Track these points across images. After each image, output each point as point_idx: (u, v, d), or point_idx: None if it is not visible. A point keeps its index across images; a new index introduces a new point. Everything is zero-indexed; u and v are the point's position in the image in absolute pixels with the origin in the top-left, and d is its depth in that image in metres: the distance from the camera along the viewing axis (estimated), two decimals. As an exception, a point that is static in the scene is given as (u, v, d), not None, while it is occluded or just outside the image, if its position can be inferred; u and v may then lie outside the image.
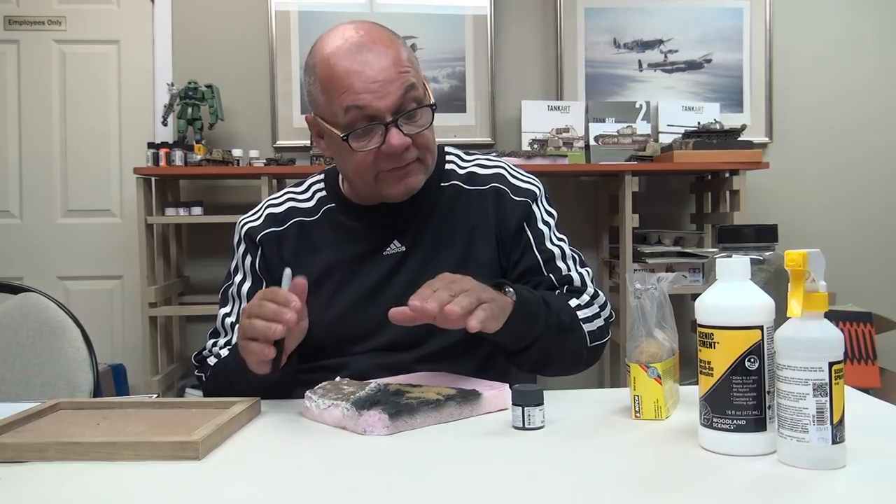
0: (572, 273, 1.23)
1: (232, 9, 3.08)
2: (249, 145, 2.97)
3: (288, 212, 1.27)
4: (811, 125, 3.20)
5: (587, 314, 1.18)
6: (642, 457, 0.79)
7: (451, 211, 1.23)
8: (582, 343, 1.17)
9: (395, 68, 1.09)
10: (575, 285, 1.23)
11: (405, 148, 1.11)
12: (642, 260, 2.77)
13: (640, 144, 3.01)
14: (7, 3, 3.08)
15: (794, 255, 0.72)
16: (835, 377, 0.71)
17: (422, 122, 1.13)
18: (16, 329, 1.49)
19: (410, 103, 1.11)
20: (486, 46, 3.09)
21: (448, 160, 1.29)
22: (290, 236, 1.24)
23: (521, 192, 1.25)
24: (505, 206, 1.23)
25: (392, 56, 1.10)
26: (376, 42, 1.11)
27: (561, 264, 1.23)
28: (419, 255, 1.21)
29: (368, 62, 1.09)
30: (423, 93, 1.13)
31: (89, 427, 0.91)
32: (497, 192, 1.24)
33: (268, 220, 1.27)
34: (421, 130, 1.12)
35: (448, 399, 0.93)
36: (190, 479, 0.74)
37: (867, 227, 3.21)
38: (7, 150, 3.08)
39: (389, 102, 1.09)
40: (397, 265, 1.20)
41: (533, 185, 1.27)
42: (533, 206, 1.25)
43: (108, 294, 3.12)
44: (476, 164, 1.29)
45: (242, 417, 0.93)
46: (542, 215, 1.26)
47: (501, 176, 1.26)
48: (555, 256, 1.23)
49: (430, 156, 1.17)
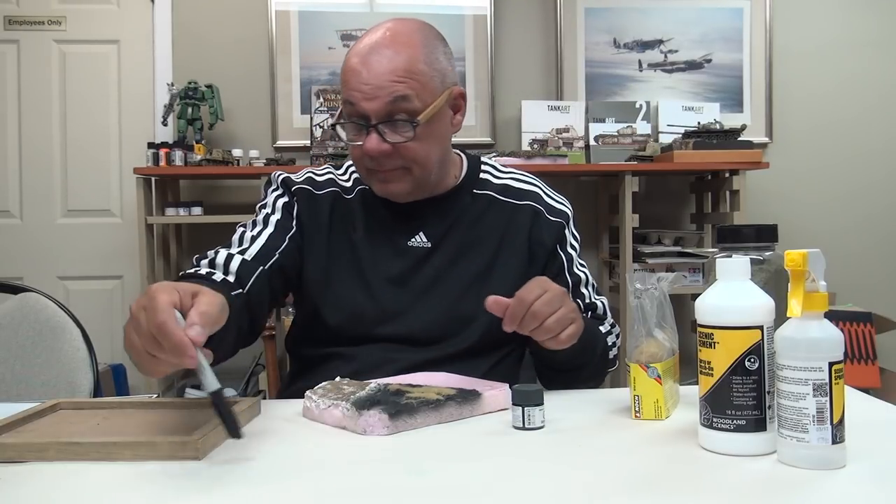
0: (596, 301, 1.29)
1: (232, 9, 3.08)
2: (249, 145, 2.97)
3: (327, 181, 1.29)
4: (811, 125, 3.20)
5: (609, 342, 1.26)
6: (642, 457, 0.79)
7: (483, 218, 1.26)
8: (607, 368, 1.27)
9: (390, 76, 1.10)
10: (598, 313, 1.28)
11: (380, 153, 1.13)
12: (642, 260, 2.77)
13: (640, 144, 3.01)
14: (7, 3, 3.08)
15: (794, 255, 0.72)
16: (835, 377, 0.71)
17: (407, 134, 1.13)
18: (16, 329, 1.49)
19: (399, 113, 1.12)
20: (486, 46, 3.09)
21: (483, 170, 1.32)
22: (325, 202, 1.25)
23: (556, 212, 1.29)
24: (541, 224, 1.26)
25: (394, 64, 1.11)
26: (389, 46, 1.12)
27: (584, 290, 1.29)
28: (446, 253, 1.22)
29: (369, 64, 1.11)
30: (419, 107, 1.12)
31: (89, 427, 0.91)
32: (534, 210, 1.28)
33: (307, 181, 1.28)
34: (403, 142, 1.13)
35: (448, 399, 0.93)
36: (190, 479, 0.74)
37: (867, 227, 3.21)
38: (7, 150, 3.08)
39: (375, 107, 1.11)
40: (422, 259, 1.22)
41: (566, 207, 1.32)
42: (565, 229, 1.29)
43: (108, 294, 3.12)
44: (511, 178, 1.32)
45: (242, 417, 0.93)
46: (571, 239, 1.30)
47: (537, 195, 1.30)
48: (581, 282, 1.28)
49: (417, 168, 1.16)
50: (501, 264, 1.23)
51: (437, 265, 1.21)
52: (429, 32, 1.18)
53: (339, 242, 1.23)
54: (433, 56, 1.15)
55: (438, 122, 1.16)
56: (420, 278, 1.21)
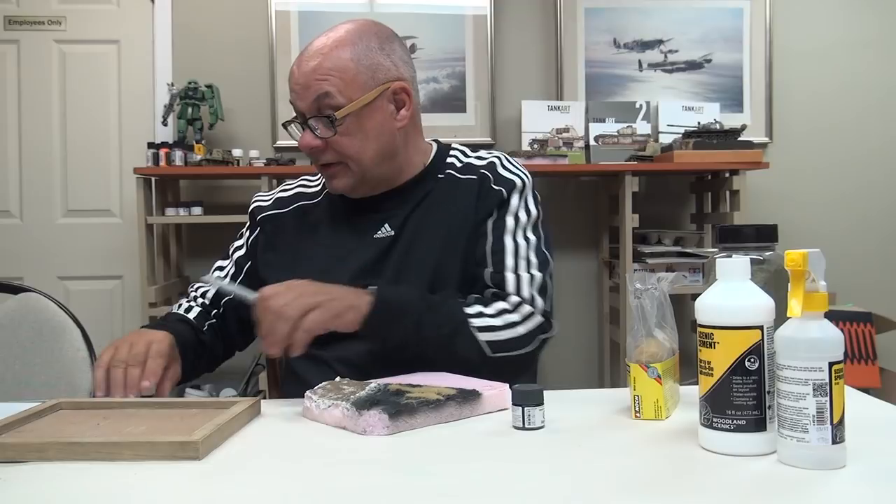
0: (507, 273, 1.21)
1: (232, 9, 3.08)
2: (249, 145, 2.97)
3: (293, 196, 1.37)
4: (811, 125, 3.20)
5: (494, 323, 1.15)
6: (642, 457, 0.79)
7: (443, 200, 1.27)
8: (472, 350, 1.13)
9: (314, 74, 1.18)
10: (506, 288, 1.20)
11: (312, 149, 1.21)
12: (642, 260, 2.77)
13: (640, 144, 3.01)
14: (7, 3, 3.08)
15: (794, 255, 0.72)
16: (835, 377, 0.71)
17: (339, 130, 1.19)
18: (16, 329, 1.49)
19: (325, 109, 1.18)
20: (486, 46, 3.09)
21: (451, 154, 1.33)
22: (289, 219, 1.33)
23: (503, 180, 1.26)
24: (485, 193, 1.25)
25: (319, 62, 1.18)
26: (322, 47, 1.20)
27: (509, 261, 1.21)
28: (407, 240, 1.24)
29: (300, 64, 1.20)
30: (343, 103, 1.18)
31: (89, 427, 0.91)
32: (482, 179, 1.27)
33: (274, 203, 1.37)
34: (331, 137, 1.19)
35: (448, 399, 0.93)
36: (190, 479, 0.74)
37: (867, 227, 3.21)
38: (7, 150, 3.08)
39: (305, 105, 1.19)
40: (387, 249, 1.24)
41: (518, 176, 1.27)
42: (511, 196, 1.25)
43: (108, 294, 3.12)
44: (476, 157, 1.32)
45: (242, 417, 0.93)
46: (516, 208, 1.25)
47: (492, 165, 1.29)
48: (505, 251, 1.22)
49: (352, 163, 1.21)
50: (452, 244, 1.23)
51: (399, 252, 1.23)
52: (366, 31, 1.22)
53: (308, 250, 1.28)
54: (364, 53, 1.20)
55: (370, 118, 1.20)
56: (386, 268, 1.23)
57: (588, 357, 3.19)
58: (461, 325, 1.13)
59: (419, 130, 1.32)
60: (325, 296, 1.07)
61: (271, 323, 1.03)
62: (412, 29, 3.05)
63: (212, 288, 1.32)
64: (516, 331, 1.16)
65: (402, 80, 1.24)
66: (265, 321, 1.04)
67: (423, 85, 3.09)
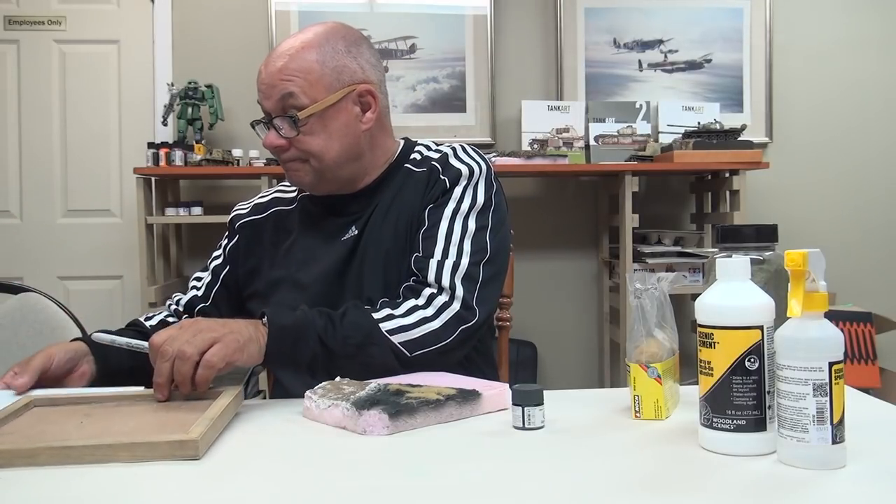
0: (430, 260, 1.18)
1: (232, 9, 3.08)
2: (249, 145, 2.97)
3: (270, 202, 1.39)
4: (811, 125, 3.20)
5: (405, 322, 1.11)
6: (642, 457, 0.79)
7: (397, 194, 1.27)
8: (388, 355, 1.10)
9: (279, 75, 1.20)
10: (426, 275, 1.17)
11: (276, 147, 1.23)
12: (642, 260, 2.77)
13: (640, 144, 3.01)
14: (7, 3, 3.08)
15: (794, 255, 0.72)
16: (835, 377, 0.71)
17: (302, 129, 1.20)
18: (16, 329, 1.49)
19: (289, 109, 1.20)
20: (486, 46, 3.09)
21: (415, 150, 1.33)
22: (267, 225, 1.36)
23: (450, 170, 1.25)
24: (432, 184, 1.25)
25: (284, 63, 1.20)
26: (289, 48, 1.21)
27: (438, 246, 1.18)
28: (369, 239, 1.25)
29: (267, 65, 1.22)
30: (306, 103, 1.19)
31: (73, 426, 0.87)
32: (431, 170, 1.26)
33: (253, 209, 1.40)
34: (294, 136, 1.21)
35: (448, 399, 0.93)
36: (190, 479, 0.74)
37: (867, 227, 3.21)
38: (7, 150, 3.08)
39: (270, 105, 1.22)
40: (351, 249, 1.25)
41: (468, 165, 1.25)
42: (456, 184, 1.23)
43: (108, 294, 3.12)
44: (435, 150, 1.31)
45: (230, 409, 0.93)
46: (459, 195, 1.23)
47: (445, 156, 1.28)
48: (437, 237, 1.20)
49: (314, 160, 1.23)
50: (401, 239, 1.24)
51: (360, 253, 1.24)
52: (334, 34, 1.24)
53: (282, 254, 1.31)
54: (330, 55, 1.22)
55: (334, 119, 1.22)
56: (350, 270, 1.24)
57: (588, 357, 3.19)
58: (371, 331, 1.09)
59: (388, 132, 1.32)
60: (222, 330, 1.01)
61: (170, 367, 0.97)
62: (412, 29, 3.05)
63: (158, 313, 1.37)
64: (430, 326, 1.12)
65: (369, 82, 1.25)
66: (162, 366, 0.97)
67: (423, 85, 3.09)
